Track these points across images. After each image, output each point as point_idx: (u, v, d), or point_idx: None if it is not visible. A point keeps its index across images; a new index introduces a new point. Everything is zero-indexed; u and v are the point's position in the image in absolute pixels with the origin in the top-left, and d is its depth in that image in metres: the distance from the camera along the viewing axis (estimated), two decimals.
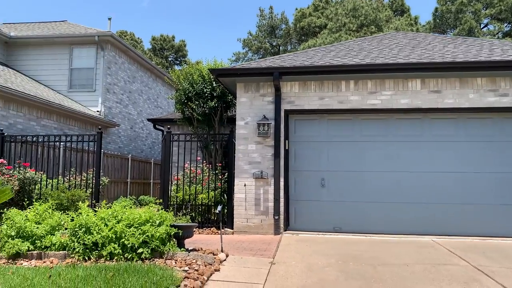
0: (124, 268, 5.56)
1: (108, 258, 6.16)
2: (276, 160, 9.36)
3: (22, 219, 6.74)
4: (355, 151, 9.47)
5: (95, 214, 6.70)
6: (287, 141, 9.60)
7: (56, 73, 17.06)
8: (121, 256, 6.14)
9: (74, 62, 17.18)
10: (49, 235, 6.58)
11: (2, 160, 9.61)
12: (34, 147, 10.37)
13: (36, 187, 9.91)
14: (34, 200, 7.75)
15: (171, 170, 10.15)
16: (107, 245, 6.21)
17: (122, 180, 16.96)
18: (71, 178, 10.69)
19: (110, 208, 6.96)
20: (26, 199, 9.18)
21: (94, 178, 10.13)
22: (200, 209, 9.83)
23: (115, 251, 6.13)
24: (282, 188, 9.33)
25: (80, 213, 6.72)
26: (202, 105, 13.55)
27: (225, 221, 9.64)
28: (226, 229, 9.41)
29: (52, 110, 13.89)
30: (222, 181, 10.27)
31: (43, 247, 6.46)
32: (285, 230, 9.32)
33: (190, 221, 6.74)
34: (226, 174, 10.77)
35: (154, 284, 4.96)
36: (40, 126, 13.31)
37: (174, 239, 6.62)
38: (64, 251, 6.37)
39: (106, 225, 6.45)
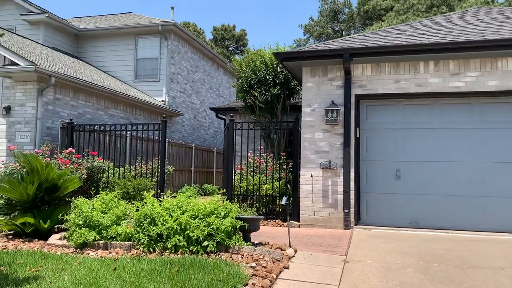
0: (189, 262, 5.28)
1: (173, 251, 5.93)
2: (346, 149, 8.73)
3: (89, 208, 6.70)
4: (435, 139, 8.59)
5: (160, 204, 6.51)
6: (358, 128, 8.91)
7: (122, 64, 17.41)
8: (186, 249, 5.88)
9: (139, 53, 17.42)
10: (115, 225, 6.48)
11: (71, 149, 9.80)
12: (102, 136, 10.51)
13: (104, 175, 10.04)
14: (100, 189, 7.74)
15: (234, 159, 9.84)
16: (171, 236, 5.98)
17: (186, 169, 17.08)
18: (137, 166, 10.73)
19: (175, 198, 6.75)
20: (93, 188, 9.29)
21: (159, 167, 10.08)
22: (264, 200, 9.46)
23: (180, 243, 5.89)
24: (352, 180, 8.69)
25: (145, 203, 6.56)
26: (264, 92, 13.13)
27: (291, 213, 9.19)
28: (291, 221, 8.95)
29: (119, 100, 14.12)
30: (287, 171, 9.81)
31: (108, 237, 6.38)
32: (355, 225, 8.70)
33: (256, 214, 6.35)
34: (290, 164, 10.30)
35: (221, 281, 4.61)
36: (107, 115, 13.57)
37: (239, 232, 6.27)
38: (129, 242, 6.23)
39: (170, 216, 6.23)
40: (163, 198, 7.01)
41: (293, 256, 6.20)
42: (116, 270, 5.03)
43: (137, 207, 6.74)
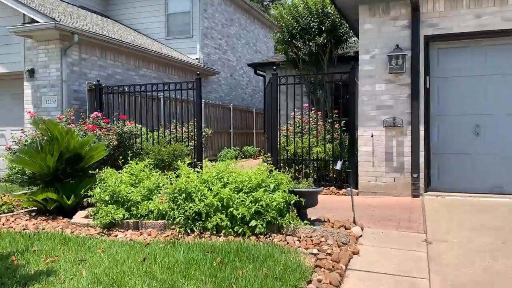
0: (235, 250, 4.22)
1: (214, 231, 4.90)
2: (414, 102, 7.29)
3: (116, 181, 5.74)
4: None
5: (197, 175, 5.45)
6: (427, 77, 7.42)
7: (152, 21, 16.22)
8: (230, 230, 4.83)
9: (170, 7, 16.13)
10: (146, 201, 5.49)
11: (97, 113, 8.87)
12: (132, 98, 9.51)
13: (137, 141, 9.11)
14: (130, 157, 6.77)
15: (279, 119, 8.62)
16: (212, 215, 4.93)
17: (224, 131, 16.07)
18: (172, 130, 9.74)
19: (214, 166, 5.68)
20: (122, 156, 8.40)
21: (195, 130, 9.02)
22: (315, 165, 8.26)
23: (222, 223, 4.84)
24: (421, 139, 7.30)
25: (180, 175, 5.52)
26: (308, 43, 11.68)
27: (347, 179, 7.96)
28: (348, 189, 7.73)
29: (150, 59, 13.06)
30: (340, 131, 8.51)
31: (139, 215, 5.42)
32: (425, 191, 7.38)
33: (312, 185, 5.17)
34: (343, 123, 8.97)
35: (278, 279, 3.53)
36: (139, 76, 12.58)
37: (293, 208, 5.14)
38: (163, 221, 5.25)
39: (210, 189, 5.16)
40: (201, 166, 5.95)
41: (361, 236, 5.04)
42: (145, 262, 4.05)
43: (171, 178, 5.72)
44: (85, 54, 10.54)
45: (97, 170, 6.13)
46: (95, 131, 8.08)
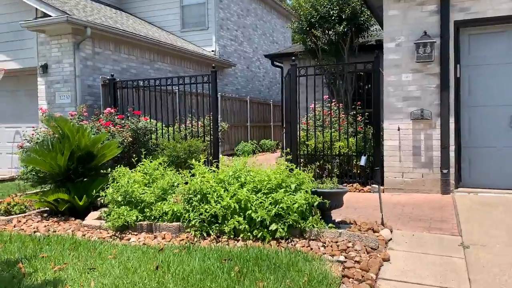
0: (254, 258, 3.89)
1: (231, 235, 4.58)
2: (444, 93, 6.81)
3: (128, 180, 5.47)
4: None
5: (213, 174, 5.13)
6: (458, 65, 6.92)
7: (167, 13, 15.92)
8: (248, 234, 4.50)
9: None
10: (160, 202, 5.20)
11: (109, 109, 8.62)
12: (147, 93, 9.23)
13: (152, 137, 8.84)
14: (143, 155, 6.50)
15: (298, 113, 8.23)
16: (229, 217, 4.61)
17: (241, 124, 15.75)
18: (188, 125, 9.44)
19: (231, 162, 5.36)
20: (140, 152, 8.13)
21: (211, 125, 8.70)
22: (337, 161, 7.86)
23: (240, 227, 4.51)
24: (452, 132, 6.83)
25: (194, 174, 5.21)
26: (327, 32, 11.21)
27: (371, 175, 7.55)
28: (373, 185, 7.33)
29: (165, 52, 12.77)
30: (363, 124, 8.08)
31: (152, 217, 5.13)
32: (456, 188, 6.92)
33: (337, 185, 4.79)
34: (366, 115, 8.52)
35: None
36: (153, 69, 12.31)
37: (317, 210, 4.77)
38: (177, 223, 4.96)
39: (226, 190, 4.83)
40: (217, 165, 5.63)
41: (390, 239, 4.65)
42: (158, 270, 3.76)
43: (186, 178, 5.40)
44: (98, 48, 10.30)
45: (110, 169, 5.85)
46: (108, 128, 7.83)
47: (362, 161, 7.12)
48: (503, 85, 6.76)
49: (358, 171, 7.68)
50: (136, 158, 6.34)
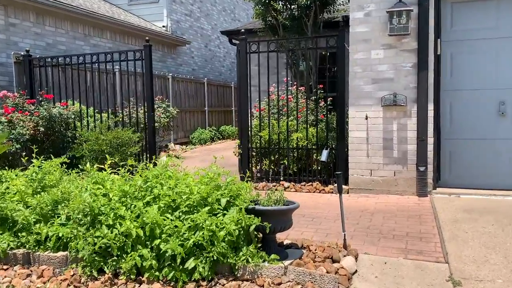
0: None
1: (134, 274, 3.21)
2: (421, 74, 5.60)
3: (8, 189, 4.00)
4: None
5: (119, 183, 3.73)
6: (438, 40, 5.70)
7: None
8: (156, 273, 3.15)
9: None
10: (41, 223, 3.76)
11: (5, 92, 6.95)
12: (73, 73, 7.62)
13: (79, 125, 7.27)
14: (61, 147, 5.00)
15: (249, 96, 6.87)
16: (129, 249, 3.24)
17: (198, 109, 14.28)
18: (128, 112, 7.92)
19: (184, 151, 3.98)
20: (53, 148, 6.61)
21: (145, 112, 7.23)
22: (295, 155, 6.57)
23: (145, 264, 3.15)
24: (430, 121, 5.65)
25: (102, 181, 3.81)
26: (289, 6, 9.85)
27: (333, 172, 6.31)
28: (335, 185, 6.09)
29: (104, 26, 11.07)
30: (325, 111, 6.81)
31: (32, 243, 3.69)
32: (434, 188, 5.77)
33: (283, 198, 3.47)
34: (329, 100, 7.26)
35: None
36: (89, 46, 10.62)
37: (257, 234, 3.45)
38: (64, 253, 3.54)
39: (128, 208, 3.45)
40: (152, 162, 4.22)
41: (355, 271, 3.40)
42: None
43: (86, 184, 3.95)
44: (13, 19, 8.57)
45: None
46: (11, 115, 6.24)
47: (323, 155, 5.90)
48: (491, 65, 5.60)
49: (319, 167, 6.43)
50: (26, 158, 4.81)
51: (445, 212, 4.89)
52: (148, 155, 7.19)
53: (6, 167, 5.71)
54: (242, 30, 6.92)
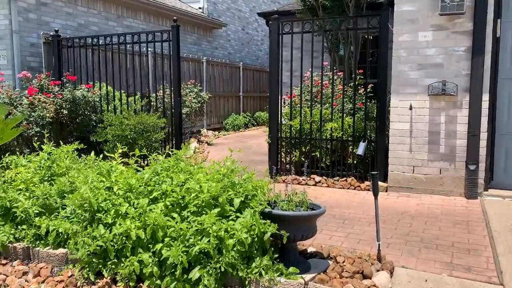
0: None
1: (133, 279, 2.85)
2: (476, 59, 4.89)
3: (13, 178, 3.75)
4: None
5: (130, 172, 3.36)
6: (498, 21, 4.95)
7: None
8: (158, 281, 2.77)
9: None
10: (44, 216, 3.46)
11: (24, 72, 6.74)
12: (102, 54, 7.35)
13: (109, 108, 7.02)
14: (87, 131, 4.72)
15: (281, 82, 6.36)
16: (128, 252, 2.87)
17: (233, 94, 13.87)
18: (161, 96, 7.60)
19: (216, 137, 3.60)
20: (78, 132, 6.39)
21: (172, 96, 6.87)
22: (328, 147, 6.02)
23: (145, 271, 2.77)
24: (484, 113, 4.95)
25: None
26: None
27: (371, 166, 5.73)
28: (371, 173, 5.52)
29: (137, 6, 10.79)
30: (364, 99, 6.19)
31: (29, 237, 3.41)
32: (486, 189, 5.08)
33: (307, 200, 2.98)
34: (370, 87, 6.63)
35: None
36: (122, 27, 10.39)
37: (275, 241, 2.99)
38: (64, 250, 3.24)
39: (131, 205, 3.08)
40: (175, 149, 3.86)
41: None
42: None
43: (107, 171, 3.60)
44: None
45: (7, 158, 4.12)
46: (33, 97, 6.04)
47: (360, 149, 5.34)
48: None
49: (355, 161, 5.86)
50: (38, 143, 4.54)
51: (499, 219, 4.24)
52: (174, 142, 6.85)
53: (27, 151, 5.53)
54: (275, 9, 6.35)
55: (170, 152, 3.74)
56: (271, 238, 2.81)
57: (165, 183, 3.14)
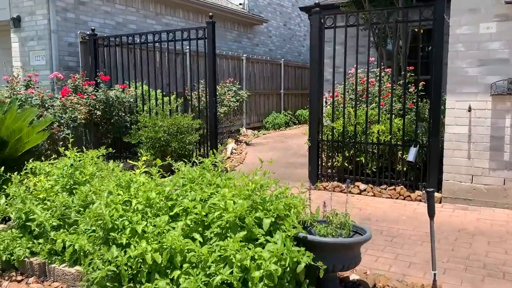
0: None
1: None
2: None
3: (27, 188, 3.55)
4: None
5: (151, 184, 3.05)
6: None
7: None
8: None
9: None
10: (63, 230, 3.22)
11: (55, 73, 6.61)
12: (143, 52, 7.15)
13: (145, 108, 6.83)
14: (122, 132, 4.52)
15: (322, 80, 5.88)
16: (143, 278, 2.54)
17: (273, 92, 13.47)
18: (184, 95, 7.37)
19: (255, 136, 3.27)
20: (112, 134, 6.21)
21: (207, 96, 6.56)
22: (375, 151, 5.49)
23: None
24: None
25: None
26: None
27: (423, 175, 5.15)
28: (427, 191, 4.95)
29: (176, 3, 10.59)
30: (415, 98, 5.59)
31: (44, 253, 3.17)
32: None
33: (350, 223, 2.53)
34: (421, 85, 6.01)
35: None
36: (161, 25, 10.21)
37: (313, 271, 2.57)
38: (79, 268, 2.97)
39: (150, 222, 2.75)
40: (200, 157, 3.54)
41: None
42: None
43: (128, 182, 3.30)
44: None
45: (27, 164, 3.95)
46: (66, 98, 5.91)
47: (411, 154, 4.82)
48: None
49: (405, 168, 5.29)
50: (63, 148, 4.33)
51: None
52: (209, 144, 6.55)
53: (55, 156, 5.39)
54: (316, 1, 5.89)
55: (196, 160, 3.39)
56: (306, 268, 2.40)
57: (187, 198, 2.79)
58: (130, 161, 3.71)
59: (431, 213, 2.74)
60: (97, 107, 6.12)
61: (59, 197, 3.33)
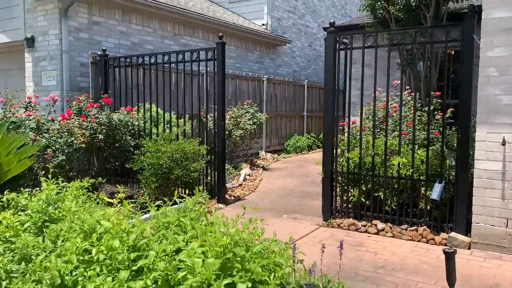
0: None
1: None
2: None
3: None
4: None
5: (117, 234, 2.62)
6: None
7: None
8: None
9: None
10: (21, 278, 2.81)
11: (52, 95, 6.36)
12: (153, 73, 6.87)
13: (144, 134, 6.50)
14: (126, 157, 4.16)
15: (336, 106, 5.38)
16: None
17: (296, 114, 13.02)
18: (192, 119, 6.98)
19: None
20: (113, 159, 5.87)
21: (215, 120, 6.16)
22: (395, 186, 4.90)
23: None
24: None
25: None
26: None
27: (450, 214, 4.53)
28: (452, 234, 4.34)
29: (195, 24, 10.37)
30: (441, 127, 5.00)
31: None
32: None
33: None
34: (449, 111, 5.44)
35: None
36: (179, 45, 9.99)
37: None
38: None
39: (112, 277, 2.30)
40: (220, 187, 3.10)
41: None
42: None
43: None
44: (98, 17, 8.18)
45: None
46: (67, 121, 5.63)
47: (435, 192, 4.24)
48: None
49: (428, 207, 4.68)
50: (43, 176, 3.97)
51: None
52: (215, 172, 6.12)
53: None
54: (331, 21, 5.44)
55: (177, 200, 2.95)
56: None
57: (152, 251, 2.34)
58: (107, 199, 3.31)
59: (451, 280, 2.18)
60: (99, 130, 5.82)
61: (21, 237, 2.94)
